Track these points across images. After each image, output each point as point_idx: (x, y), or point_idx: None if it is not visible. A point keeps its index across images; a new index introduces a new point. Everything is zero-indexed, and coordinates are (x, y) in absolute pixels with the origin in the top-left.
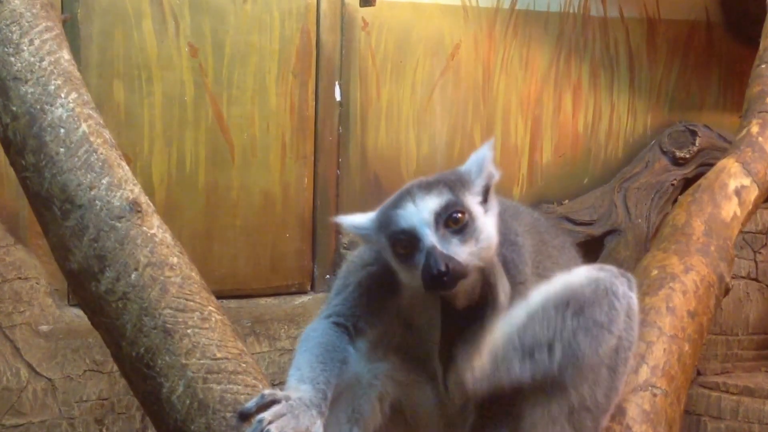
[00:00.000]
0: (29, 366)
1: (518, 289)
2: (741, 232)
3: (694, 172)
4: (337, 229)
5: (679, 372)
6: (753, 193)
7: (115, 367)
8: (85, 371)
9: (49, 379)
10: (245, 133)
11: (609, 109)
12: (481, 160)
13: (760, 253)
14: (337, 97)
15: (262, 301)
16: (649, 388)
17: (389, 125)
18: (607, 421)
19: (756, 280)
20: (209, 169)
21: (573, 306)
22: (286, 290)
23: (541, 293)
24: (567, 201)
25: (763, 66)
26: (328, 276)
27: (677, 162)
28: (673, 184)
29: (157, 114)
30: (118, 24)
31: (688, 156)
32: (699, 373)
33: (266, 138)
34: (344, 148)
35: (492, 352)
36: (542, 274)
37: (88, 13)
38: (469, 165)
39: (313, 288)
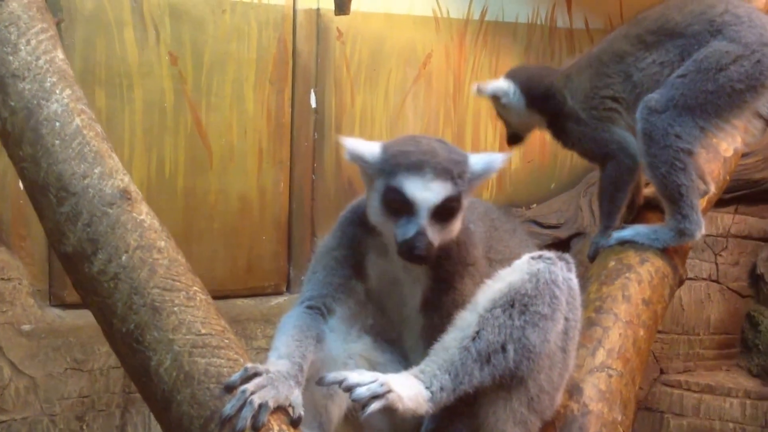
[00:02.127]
0: (11, 364)
1: (468, 270)
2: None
3: None
4: (313, 232)
5: (634, 355)
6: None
7: (96, 365)
8: (66, 369)
9: (31, 377)
10: (223, 138)
11: None
12: (491, 169)
13: (720, 255)
14: (313, 104)
15: (239, 301)
16: (605, 369)
17: (363, 131)
18: (562, 395)
19: (716, 281)
20: (188, 174)
21: (518, 305)
22: (263, 291)
23: (486, 296)
24: (535, 205)
25: None
26: (303, 277)
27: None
28: None
29: (137, 120)
30: (100, 33)
31: None
32: (662, 372)
33: (243, 144)
34: (319, 154)
35: (450, 366)
36: (494, 258)
37: (71, 22)
38: (479, 165)
39: (288, 289)
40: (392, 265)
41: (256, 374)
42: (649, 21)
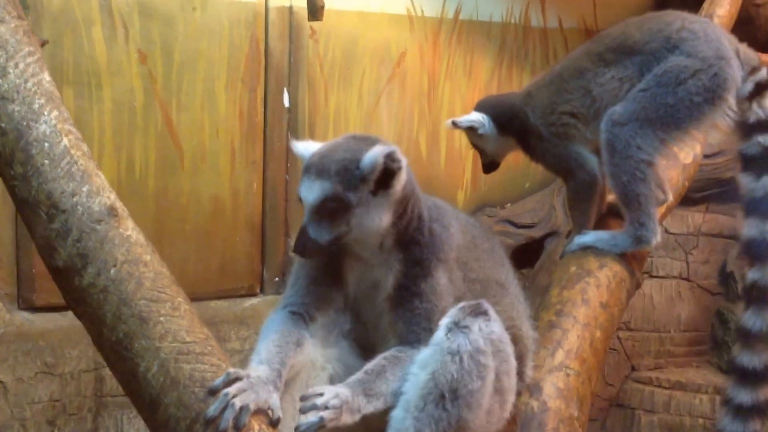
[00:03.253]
0: None
1: (443, 261)
2: (673, 234)
3: None
4: (287, 233)
5: (590, 355)
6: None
7: (67, 369)
8: (36, 373)
9: (1, 382)
10: (195, 138)
11: None
12: (373, 161)
13: (691, 254)
14: (286, 104)
15: (212, 303)
16: (564, 369)
17: (337, 131)
18: (509, 408)
19: (687, 279)
20: (159, 175)
21: (448, 394)
22: (236, 293)
23: (415, 392)
24: (509, 205)
25: None
26: (277, 279)
27: None
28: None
29: (106, 120)
30: (68, 31)
31: None
32: (633, 369)
33: (216, 144)
34: (293, 154)
35: None
36: (468, 275)
37: (38, 20)
38: (364, 162)
39: (262, 290)
40: (366, 265)
41: (237, 379)
42: (609, 39)
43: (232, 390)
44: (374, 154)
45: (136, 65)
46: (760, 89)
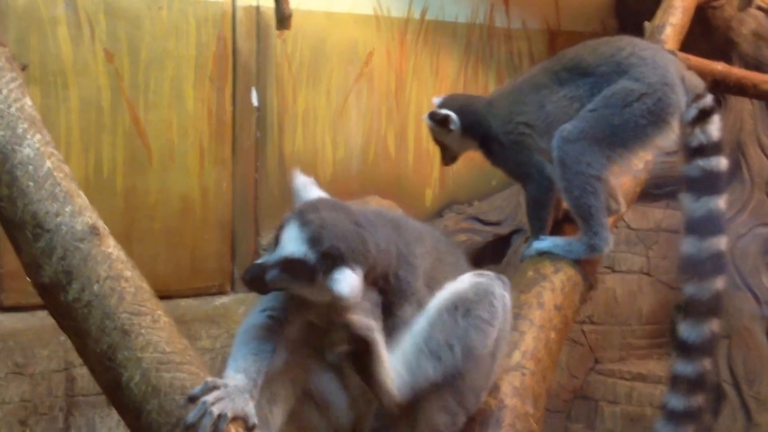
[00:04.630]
0: None
1: (410, 299)
2: (634, 229)
3: None
4: (256, 231)
5: (545, 355)
6: None
7: (38, 370)
8: (7, 374)
9: None
10: (163, 137)
11: None
12: (340, 291)
13: (651, 249)
14: (254, 103)
15: (183, 302)
16: (520, 369)
17: (306, 130)
18: (485, 396)
19: (648, 274)
20: (127, 174)
21: (461, 309)
22: (206, 291)
23: (435, 303)
24: (476, 202)
25: None
26: None
27: None
28: None
29: (73, 119)
30: (33, 30)
31: None
32: (597, 361)
33: (184, 142)
34: (262, 152)
35: (407, 364)
36: (434, 288)
37: (3, 20)
38: (332, 283)
39: (233, 289)
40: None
41: (215, 387)
42: (566, 59)
43: (210, 398)
44: (344, 286)
45: (102, 64)
46: (703, 115)
